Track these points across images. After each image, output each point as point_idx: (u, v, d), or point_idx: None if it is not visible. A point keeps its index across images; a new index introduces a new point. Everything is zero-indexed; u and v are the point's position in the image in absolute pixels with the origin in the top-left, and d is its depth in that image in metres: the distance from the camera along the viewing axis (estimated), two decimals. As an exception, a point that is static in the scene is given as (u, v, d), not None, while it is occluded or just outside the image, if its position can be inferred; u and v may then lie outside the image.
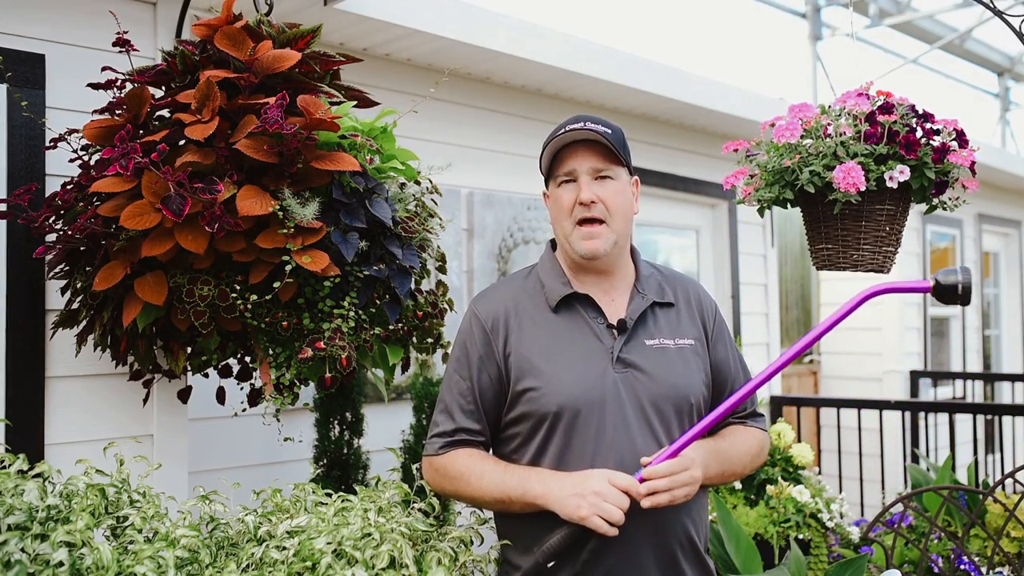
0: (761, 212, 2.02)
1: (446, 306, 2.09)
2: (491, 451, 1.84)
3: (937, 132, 1.93)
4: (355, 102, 1.98)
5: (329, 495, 1.77)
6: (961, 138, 1.92)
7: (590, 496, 1.55)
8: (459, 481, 1.72)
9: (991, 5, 2.17)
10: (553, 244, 1.90)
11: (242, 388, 2.06)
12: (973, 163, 1.91)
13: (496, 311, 1.78)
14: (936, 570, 2.92)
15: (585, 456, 1.68)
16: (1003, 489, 3.37)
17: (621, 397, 1.70)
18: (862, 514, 4.55)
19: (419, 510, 1.82)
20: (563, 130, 1.74)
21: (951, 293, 1.59)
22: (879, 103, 1.91)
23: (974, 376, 6.07)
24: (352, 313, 1.74)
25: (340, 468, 2.78)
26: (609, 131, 1.74)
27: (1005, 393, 7.16)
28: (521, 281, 1.84)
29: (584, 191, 1.71)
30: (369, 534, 1.60)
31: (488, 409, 1.77)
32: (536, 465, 1.72)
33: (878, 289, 1.62)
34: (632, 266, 1.85)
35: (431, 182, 2.04)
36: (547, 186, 1.83)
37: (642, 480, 1.59)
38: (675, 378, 1.74)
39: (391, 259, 1.81)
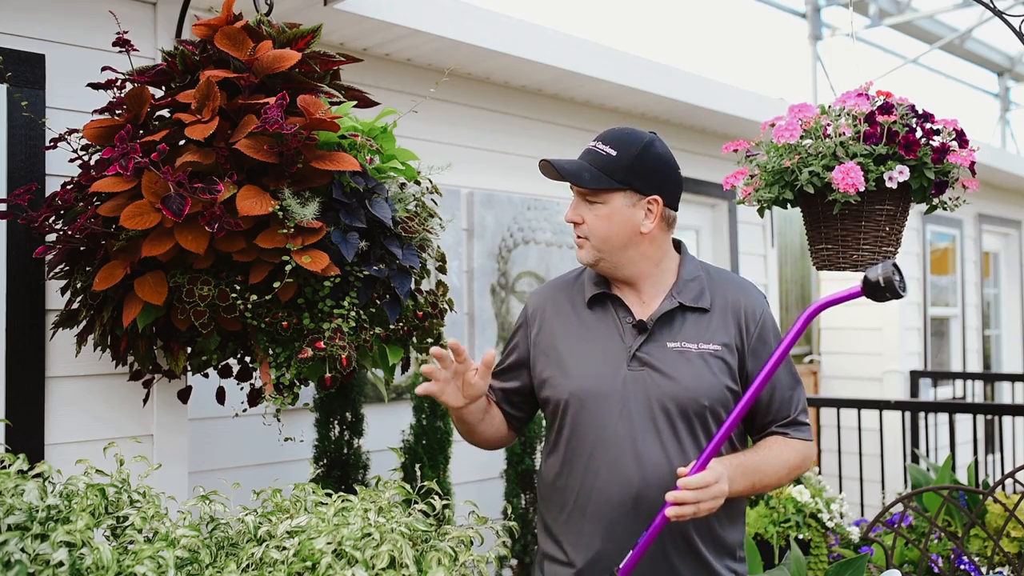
0: (761, 212, 2.02)
1: (446, 306, 2.09)
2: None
3: (937, 132, 1.92)
4: (355, 102, 1.98)
5: (329, 495, 1.76)
6: (961, 138, 1.92)
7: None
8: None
9: (991, 5, 2.17)
10: None
11: (242, 388, 2.06)
12: (973, 163, 1.91)
13: (541, 304, 1.93)
14: (936, 570, 2.92)
15: (586, 445, 1.78)
16: (1003, 489, 3.37)
17: (629, 393, 1.75)
18: (862, 514, 4.55)
19: (419, 510, 1.82)
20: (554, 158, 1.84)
21: (878, 291, 1.53)
22: (879, 103, 1.90)
23: (974, 376, 6.07)
24: (352, 313, 1.74)
25: (340, 468, 2.78)
26: (603, 155, 1.77)
27: (1005, 393, 7.16)
28: (571, 279, 1.96)
29: (569, 212, 1.83)
30: (369, 534, 1.60)
31: (521, 382, 1.92)
32: (555, 448, 1.85)
33: (821, 304, 1.61)
34: (673, 272, 1.85)
35: (431, 182, 2.04)
36: None
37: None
38: (689, 381, 1.75)
39: (391, 259, 1.81)
